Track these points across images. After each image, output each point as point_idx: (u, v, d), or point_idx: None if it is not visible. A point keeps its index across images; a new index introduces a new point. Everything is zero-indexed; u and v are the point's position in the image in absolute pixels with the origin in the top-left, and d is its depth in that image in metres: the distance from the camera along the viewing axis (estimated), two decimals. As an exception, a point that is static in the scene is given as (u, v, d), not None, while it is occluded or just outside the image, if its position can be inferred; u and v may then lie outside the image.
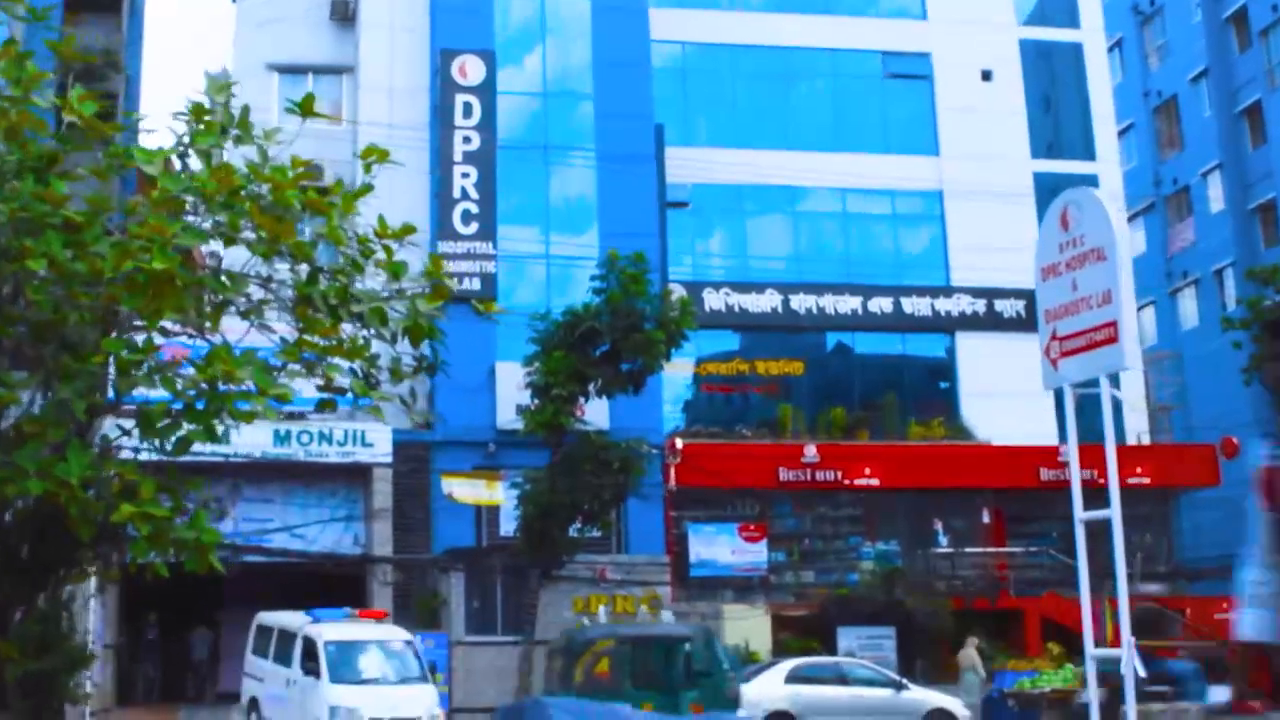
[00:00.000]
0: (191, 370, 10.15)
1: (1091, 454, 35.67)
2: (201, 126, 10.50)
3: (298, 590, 32.64)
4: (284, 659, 24.12)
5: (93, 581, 27.37)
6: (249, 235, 10.55)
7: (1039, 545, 34.83)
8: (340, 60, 35.78)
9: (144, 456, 10.65)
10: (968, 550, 34.71)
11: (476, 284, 33.05)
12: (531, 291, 33.18)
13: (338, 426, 30.66)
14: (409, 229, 11.09)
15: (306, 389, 11.59)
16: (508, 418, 30.92)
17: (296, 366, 10.89)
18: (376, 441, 30.70)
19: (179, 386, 10.03)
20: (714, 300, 35.56)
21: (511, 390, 29.47)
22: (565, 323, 27.64)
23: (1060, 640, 30.48)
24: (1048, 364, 13.91)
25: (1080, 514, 13.77)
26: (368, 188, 11.39)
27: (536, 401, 27.97)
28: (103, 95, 10.88)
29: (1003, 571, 34.18)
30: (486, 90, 33.94)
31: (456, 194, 33.33)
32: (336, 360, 11.25)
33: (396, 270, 11.59)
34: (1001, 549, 33.57)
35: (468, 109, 33.81)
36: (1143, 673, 12.50)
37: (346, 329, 11.50)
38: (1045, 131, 40.30)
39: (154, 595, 32.45)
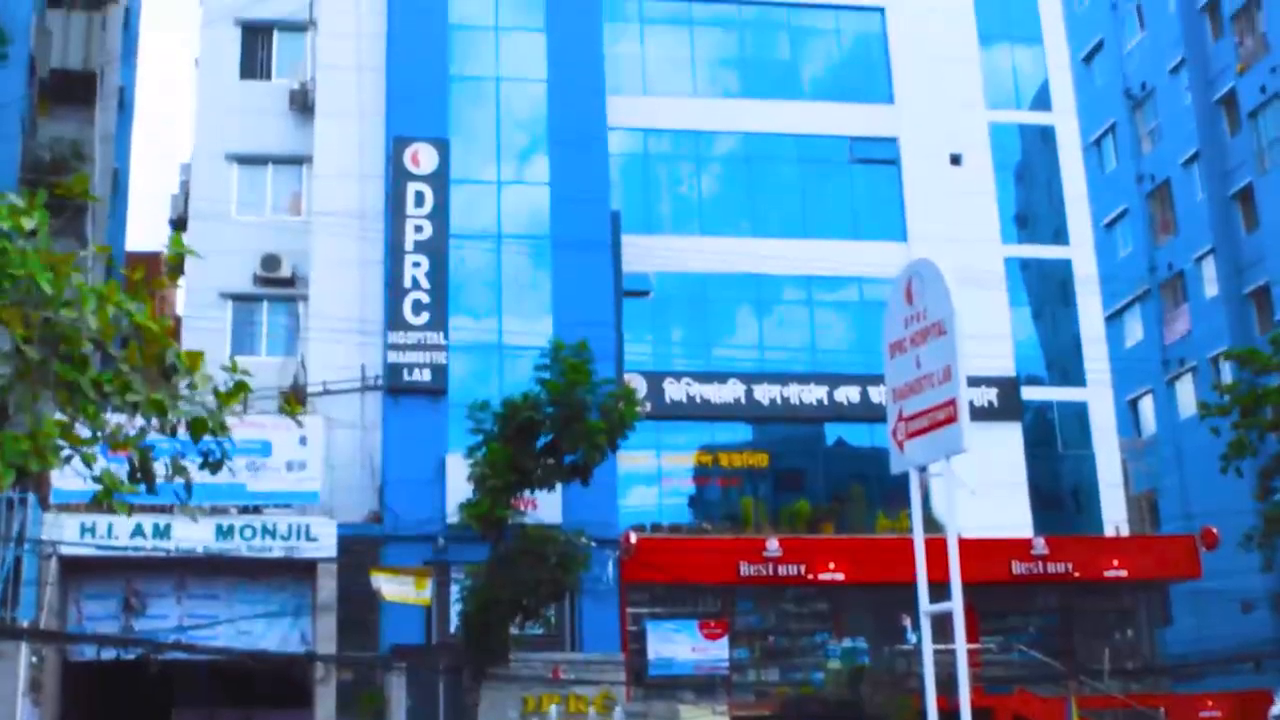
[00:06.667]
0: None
1: (1067, 546, 35.05)
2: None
3: (247, 687, 31.97)
4: None
5: (21, 678, 26.96)
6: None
7: (1012, 641, 33.65)
8: (299, 150, 35.47)
9: None
10: (935, 647, 33.38)
11: (427, 375, 32.49)
12: (485, 382, 32.54)
13: (281, 520, 30.10)
14: (165, 324, 10.87)
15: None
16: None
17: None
18: (321, 536, 30.06)
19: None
20: (675, 391, 34.67)
21: (462, 483, 28.71)
22: (502, 414, 27.08)
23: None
24: (895, 447, 13.10)
25: (925, 607, 12.98)
26: (172, 276, 11.37)
27: (477, 495, 27.41)
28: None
29: (973, 669, 32.88)
30: (439, 178, 33.52)
31: (408, 284, 32.79)
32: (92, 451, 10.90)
33: (184, 360, 11.39)
34: (971, 645, 32.22)
35: (419, 198, 33.36)
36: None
37: (117, 420, 11.19)
38: (1017, 217, 39.41)
39: (101, 694, 31.89)
